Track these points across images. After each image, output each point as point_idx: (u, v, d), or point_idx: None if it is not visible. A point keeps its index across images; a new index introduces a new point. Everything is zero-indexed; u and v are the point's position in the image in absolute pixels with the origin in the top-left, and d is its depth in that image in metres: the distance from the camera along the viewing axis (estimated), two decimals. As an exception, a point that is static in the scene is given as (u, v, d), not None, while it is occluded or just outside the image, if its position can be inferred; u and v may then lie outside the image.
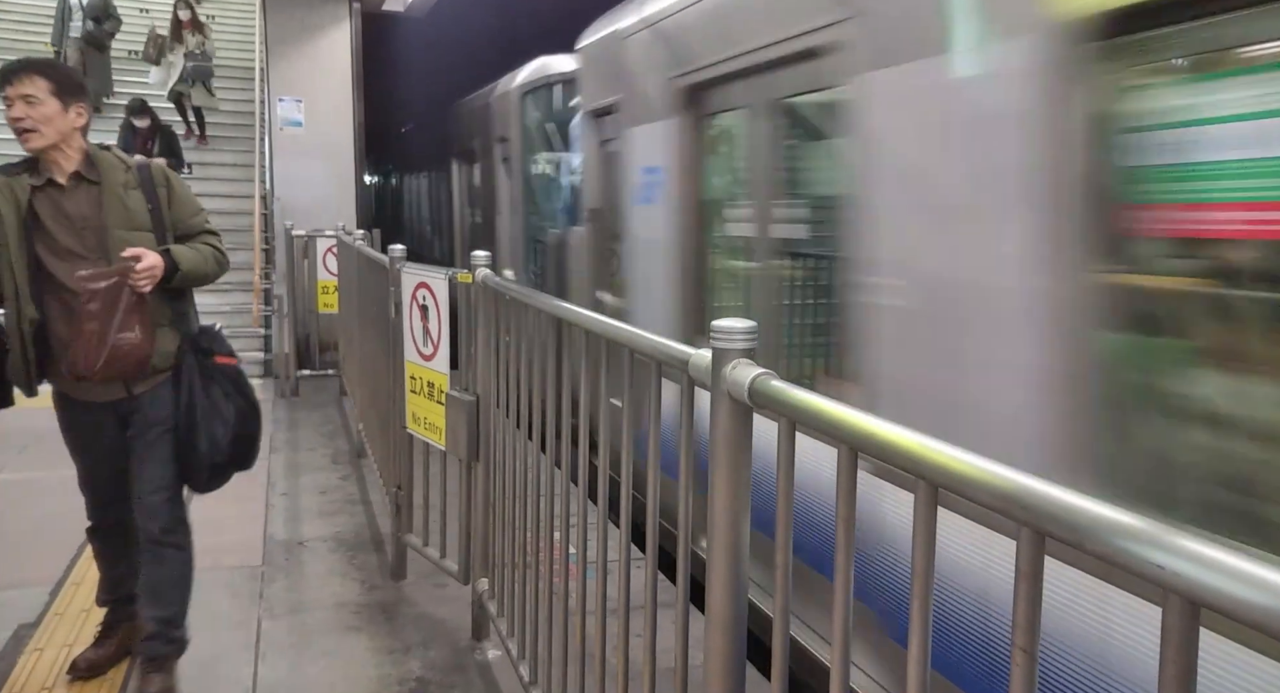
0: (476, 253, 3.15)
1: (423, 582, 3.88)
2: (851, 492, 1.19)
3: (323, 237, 7.87)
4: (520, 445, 2.71)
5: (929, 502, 1.03)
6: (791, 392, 1.30)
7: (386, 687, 3.06)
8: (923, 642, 1.04)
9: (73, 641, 3.35)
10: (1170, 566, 0.72)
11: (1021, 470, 0.91)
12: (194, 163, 10.75)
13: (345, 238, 6.30)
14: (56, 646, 3.32)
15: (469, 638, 3.37)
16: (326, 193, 10.18)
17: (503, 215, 9.09)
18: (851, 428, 1.15)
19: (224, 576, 3.97)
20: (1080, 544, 0.82)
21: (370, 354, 4.70)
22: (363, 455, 5.59)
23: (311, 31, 10.47)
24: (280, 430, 6.57)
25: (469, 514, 3.33)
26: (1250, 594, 0.67)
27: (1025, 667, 0.91)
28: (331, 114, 10.49)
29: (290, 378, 7.80)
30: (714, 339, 1.45)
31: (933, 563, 1.03)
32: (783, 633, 1.34)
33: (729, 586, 1.47)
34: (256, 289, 9.00)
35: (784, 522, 1.33)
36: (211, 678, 3.11)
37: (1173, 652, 0.73)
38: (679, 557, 1.68)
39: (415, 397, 3.60)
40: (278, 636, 3.42)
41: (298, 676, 3.13)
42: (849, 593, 1.19)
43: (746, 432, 1.45)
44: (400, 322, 3.64)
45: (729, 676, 1.49)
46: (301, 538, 4.45)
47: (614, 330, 2.00)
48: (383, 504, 4.67)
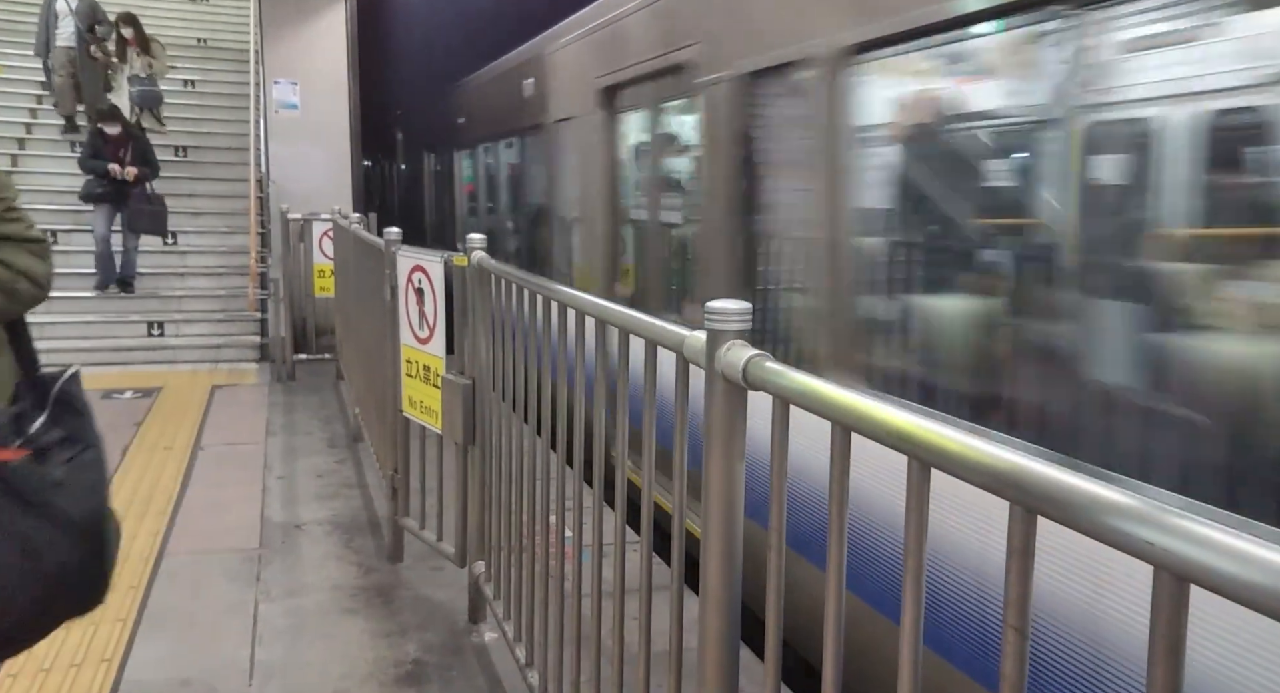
0: (472, 235, 3.14)
1: (419, 565, 3.89)
2: (844, 472, 1.19)
3: (319, 220, 7.84)
4: (516, 429, 2.72)
5: (921, 480, 1.03)
6: (785, 372, 1.30)
7: (383, 669, 3.08)
8: (915, 620, 1.04)
9: (69, 624, 3.36)
10: (1160, 542, 0.73)
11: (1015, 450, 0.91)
12: (189, 146, 10.70)
13: (342, 221, 6.28)
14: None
15: (465, 621, 3.39)
16: (323, 176, 10.13)
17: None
18: (845, 407, 1.15)
19: (221, 559, 3.98)
20: (1072, 522, 0.82)
21: (366, 338, 4.69)
22: (359, 439, 5.60)
23: (307, 14, 10.38)
24: (277, 414, 6.58)
25: (465, 497, 3.34)
26: (1238, 570, 0.67)
27: (1017, 645, 0.91)
28: (327, 97, 10.43)
29: (287, 362, 7.79)
30: (709, 320, 1.45)
31: (925, 541, 1.04)
32: (776, 613, 1.34)
33: (723, 566, 1.48)
34: (253, 273, 8.97)
35: (778, 501, 1.33)
36: (209, 661, 3.12)
37: (1163, 626, 0.74)
38: (673, 538, 1.68)
39: (411, 380, 3.60)
40: (275, 619, 3.43)
41: (295, 658, 3.15)
42: (842, 575, 1.19)
43: (741, 412, 1.45)
44: (396, 305, 3.63)
45: (723, 656, 1.50)
46: (298, 521, 4.46)
47: (609, 312, 1.99)
48: (379, 488, 4.68)
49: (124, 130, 8.48)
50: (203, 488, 4.91)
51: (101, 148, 8.31)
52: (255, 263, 9.03)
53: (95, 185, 8.27)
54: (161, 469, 5.21)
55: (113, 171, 8.18)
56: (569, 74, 6.30)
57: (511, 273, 2.74)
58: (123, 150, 8.32)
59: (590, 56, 5.84)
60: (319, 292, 7.85)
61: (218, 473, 5.16)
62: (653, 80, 4.89)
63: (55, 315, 8.03)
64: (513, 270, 2.77)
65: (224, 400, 7.02)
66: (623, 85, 5.30)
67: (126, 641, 3.24)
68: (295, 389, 7.47)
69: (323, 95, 10.41)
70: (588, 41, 5.93)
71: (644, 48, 4.90)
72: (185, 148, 10.69)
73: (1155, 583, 0.74)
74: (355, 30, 10.81)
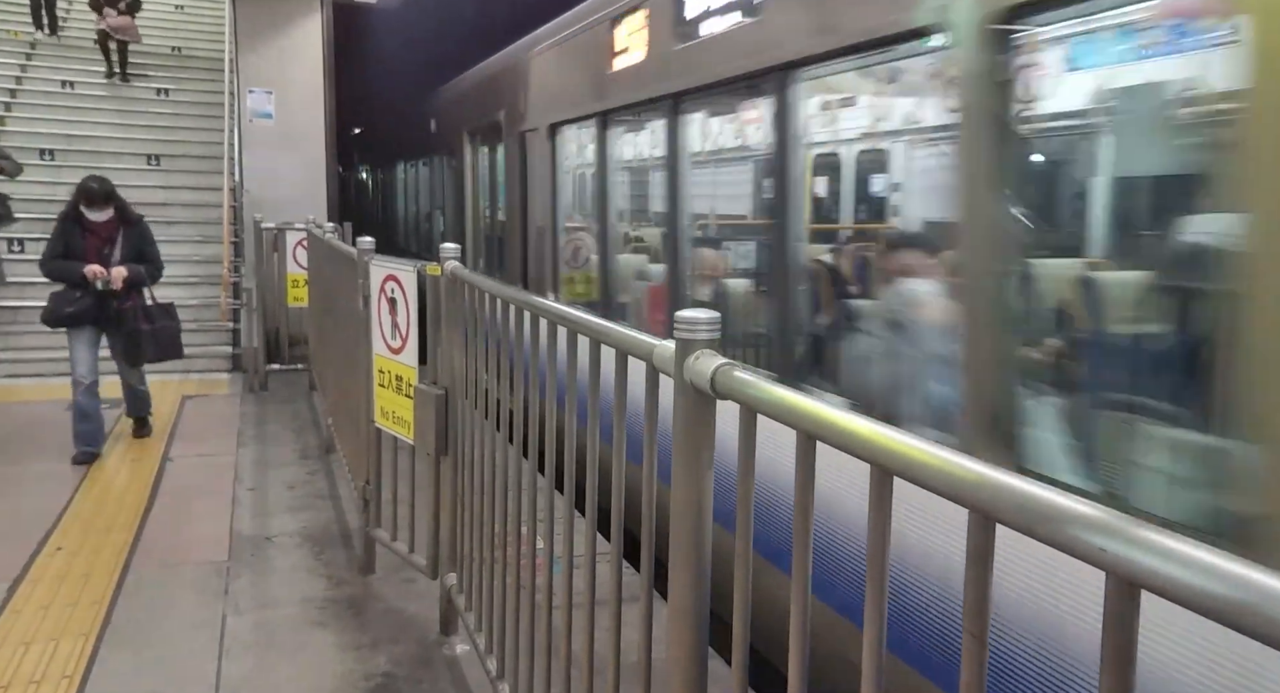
0: (445, 245, 3.13)
1: (391, 577, 3.86)
2: (809, 480, 1.20)
3: (292, 230, 7.79)
4: (489, 439, 2.70)
5: (883, 488, 1.04)
6: (752, 381, 1.30)
7: (353, 683, 3.04)
8: (877, 627, 1.05)
9: (30, 638, 3.30)
10: (1111, 548, 0.74)
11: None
12: (161, 155, 10.60)
13: (316, 231, 6.24)
14: (14, 643, 3.26)
15: (437, 633, 3.36)
16: (297, 185, 10.08)
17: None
18: (809, 416, 1.16)
19: (189, 571, 3.92)
20: (1028, 529, 0.83)
21: (340, 349, 4.66)
22: (332, 450, 5.54)
23: (282, 23, 10.36)
24: (248, 425, 6.50)
25: (437, 509, 3.32)
26: (1187, 576, 0.69)
27: (975, 652, 0.92)
28: (302, 106, 10.38)
29: (259, 372, 7.72)
30: (677, 330, 1.45)
31: (888, 548, 1.04)
32: (743, 621, 1.35)
33: (691, 575, 1.48)
34: (225, 282, 8.89)
35: (744, 509, 1.34)
36: (173, 676, 3.07)
37: (1112, 631, 0.75)
38: (642, 549, 1.68)
39: (384, 390, 3.58)
40: (242, 632, 3.39)
41: (262, 672, 3.10)
42: (807, 583, 1.20)
43: (709, 421, 1.45)
44: (369, 314, 3.61)
45: (691, 665, 1.49)
46: (269, 533, 4.40)
47: (580, 322, 2.00)
48: (351, 499, 4.63)
49: (117, 214, 5.64)
50: (171, 500, 4.84)
51: (79, 243, 5.51)
52: (228, 272, 8.94)
53: (66, 299, 5.45)
54: (130, 481, 5.13)
55: (90, 276, 5.36)
56: (449, 118, 9.72)
57: (485, 283, 2.74)
58: (109, 248, 5.55)
59: (459, 109, 9.28)
60: (292, 301, 7.80)
61: (187, 484, 5.08)
62: (486, 129, 8.18)
63: (21, 324, 7.91)
64: (486, 280, 2.76)
65: (195, 411, 6.93)
66: (474, 131, 8.67)
67: (89, 656, 3.18)
68: (267, 400, 7.39)
69: (298, 105, 10.38)
70: (457, 97, 9.55)
71: (483, 110, 8.22)
72: (158, 157, 10.58)
73: (1107, 588, 0.76)
74: (331, 40, 10.79)
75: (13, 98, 10.89)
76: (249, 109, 10.25)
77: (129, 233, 5.63)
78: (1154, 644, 1.84)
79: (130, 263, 5.53)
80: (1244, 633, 0.64)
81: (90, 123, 10.69)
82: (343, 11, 12.03)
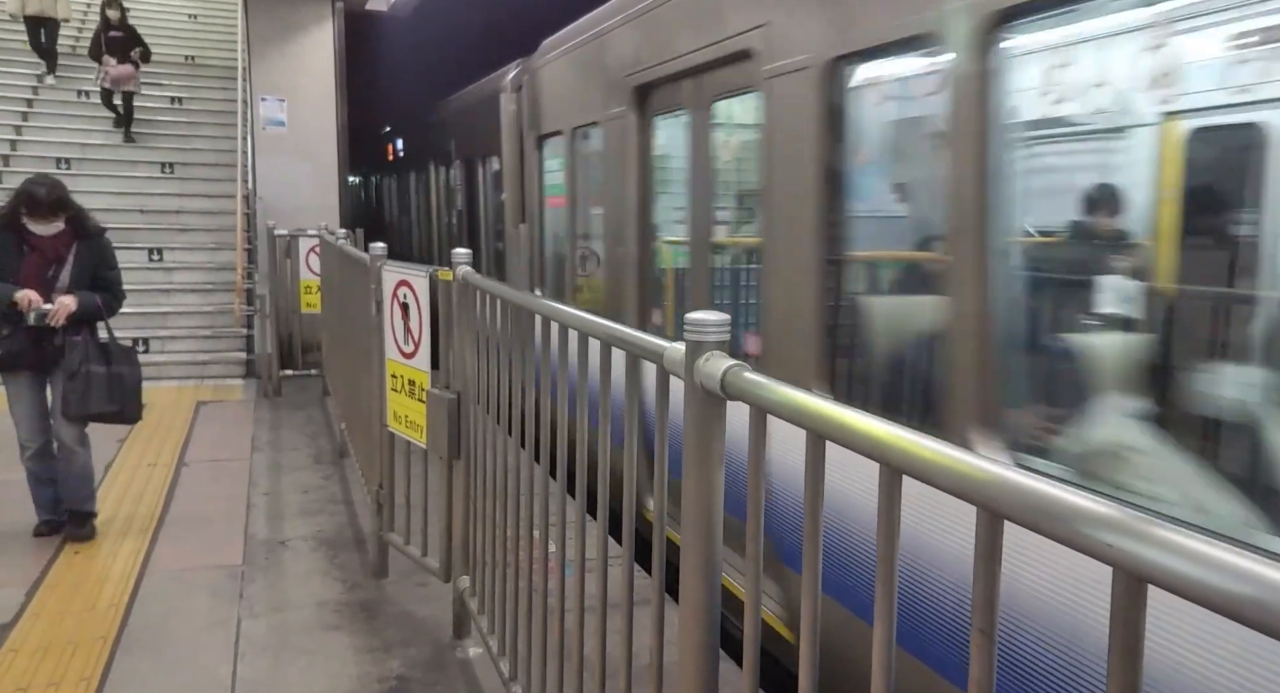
0: (457, 250, 3.15)
1: (404, 580, 3.88)
2: (819, 481, 1.20)
3: (305, 236, 7.84)
4: (500, 443, 2.72)
5: (892, 487, 1.05)
6: (763, 383, 1.31)
7: (367, 685, 3.06)
8: (887, 625, 1.06)
9: (48, 643, 3.33)
10: (1118, 544, 0.74)
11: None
12: (175, 163, 10.69)
13: (328, 237, 6.28)
14: (32, 647, 3.30)
15: (450, 636, 3.37)
16: (309, 192, 10.14)
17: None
18: (819, 416, 1.17)
19: (204, 575, 3.95)
20: (1036, 526, 0.84)
21: (352, 353, 4.69)
22: (345, 455, 5.58)
23: (294, 31, 10.43)
24: (263, 430, 6.55)
25: (450, 512, 3.33)
26: (1194, 571, 0.69)
27: (984, 648, 0.92)
28: (314, 114, 10.46)
29: (273, 378, 7.77)
30: (687, 332, 1.46)
31: (897, 546, 1.05)
32: (754, 621, 1.35)
33: (702, 574, 1.48)
34: (239, 289, 8.95)
35: (754, 510, 1.35)
36: (191, 678, 3.09)
37: (1120, 625, 0.75)
38: (654, 551, 1.69)
39: (396, 395, 3.60)
40: (257, 635, 3.41)
41: (277, 675, 3.13)
42: (817, 580, 1.21)
43: (720, 422, 1.46)
44: (381, 320, 3.64)
45: (703, 665, 1.50)
46: (283, 537, 4.43)
47: (592, 325, 2.01)
48: (365, 503, 4.66)
49: (70, 227, 4.20)
50: (187, 504, 4.88)
51: (14, 262, 4.12)
52: (242, 279, 9.01)
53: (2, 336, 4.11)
54: (145, 486, 5.18)
55: (24, 305, 4.00)
56: (440, 136, 10.86)
57: (496, 287, 2.76)
58: (55, 269, 4.16)
59: (446, 130, 10.62)
60: (305, 308, 7.84)
61: (202, 489, 5.12)
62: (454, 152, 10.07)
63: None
64: (497, 285, 2.78)
65: (209, 417, 6.98)
66: (454, 149, 10.16)
67: (106, 659, 3.21)
68: (281, 405, 7.44)
69: (310, 112, 10.45)
70: (446, 121, 10.70)
71: (455, 135, 9.93)
72: (172, 164, 10.68)
73: (1114, 584, 0.76)
74: (343, 46, 10.86)
75: (29, 107, 11.02)
76: (262, 117, 10.33)
77: (84, 250, 4.20)
78: (1162, 639, 1.83)
79: (82, 291, 4.14)
80: (1250, 627, 0.65)
81: (105, 131, 10.80)
82: (354, 19, 12.12)
